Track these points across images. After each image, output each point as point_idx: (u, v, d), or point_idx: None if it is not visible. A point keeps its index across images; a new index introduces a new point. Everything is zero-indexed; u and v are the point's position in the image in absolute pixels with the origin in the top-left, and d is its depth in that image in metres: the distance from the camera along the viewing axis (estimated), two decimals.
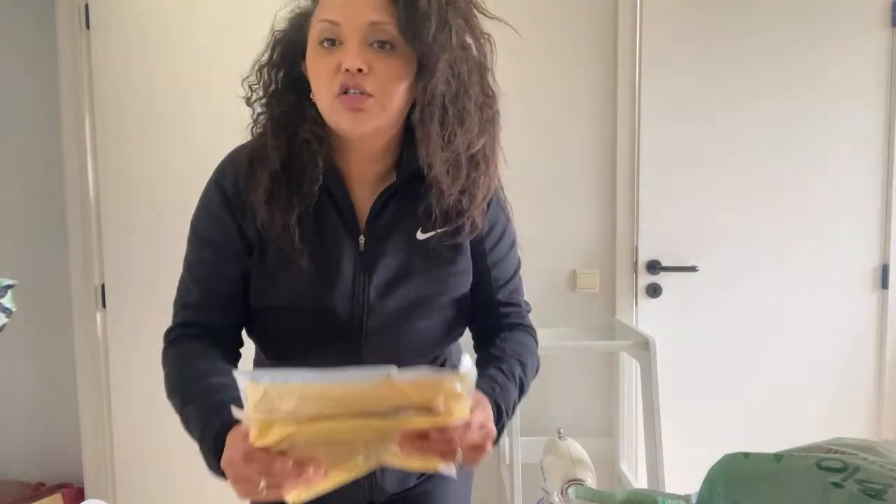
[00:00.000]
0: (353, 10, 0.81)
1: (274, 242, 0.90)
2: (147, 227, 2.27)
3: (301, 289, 0.92)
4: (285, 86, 0.91)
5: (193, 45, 2.22)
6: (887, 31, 2.25)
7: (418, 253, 0.93)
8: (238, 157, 0.93)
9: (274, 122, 0.90)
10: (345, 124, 0.84)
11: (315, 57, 0.85)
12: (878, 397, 2.35)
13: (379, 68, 0.82)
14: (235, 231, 0.92)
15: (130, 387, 2.32)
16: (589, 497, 0.62)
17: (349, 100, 0.82)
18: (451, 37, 0.83)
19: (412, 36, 0.80)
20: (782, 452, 0.51)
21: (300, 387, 0.63)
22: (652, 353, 1.94)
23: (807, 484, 0.47)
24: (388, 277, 0.93)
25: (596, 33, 2.27)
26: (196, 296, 0.93)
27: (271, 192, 0.88)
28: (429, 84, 0.83)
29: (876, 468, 0.47)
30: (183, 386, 0.85)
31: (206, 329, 0.92)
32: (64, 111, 2.27)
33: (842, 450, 0.50)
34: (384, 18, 0.81)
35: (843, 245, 2.31)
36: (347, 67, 0.80)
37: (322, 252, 0.91)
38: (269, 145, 0.88)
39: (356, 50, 0.80)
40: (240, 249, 0.92)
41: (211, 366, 0.86)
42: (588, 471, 1.17)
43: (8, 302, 0.99)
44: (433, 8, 0.81)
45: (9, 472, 2.41)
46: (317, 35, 0.84)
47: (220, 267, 0.93)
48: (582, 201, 2.31)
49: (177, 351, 0.91)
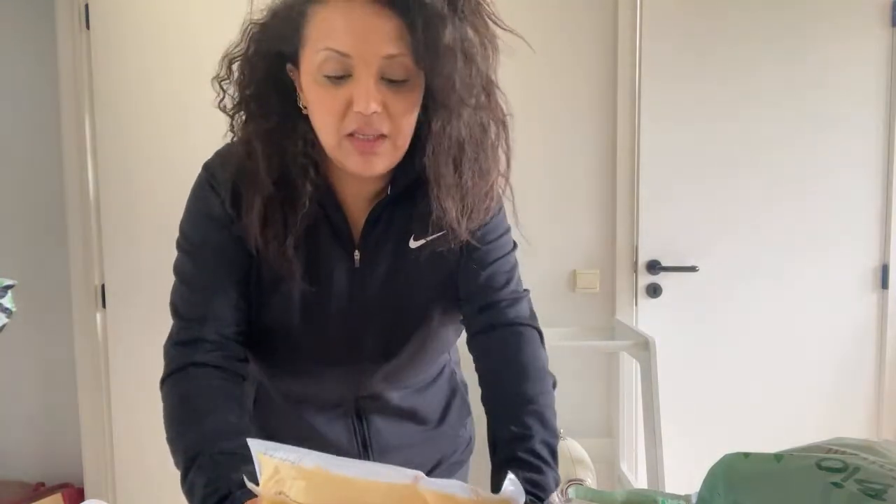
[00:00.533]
0: (367, 40, 0.70)
1: (267, 263, 0.84)
2: (147, 227, 2.27)
3: (294, 309, 0.87)
4: (264, 87, 0.80)
5: (193, 45, 2.22)
6: (887, 31, 2.25)
7: (410, 261, 0.88)
8: (227, 170, 0.84)
9: (262, 141, 0.79)
10: (354, 167, 0.77)
11: (318, 86, 0.74)
12: (878, 397, 2.35)
13: (393, 106, 0.74)
14: (234, 240, 0.85)
15: (130, 387, 2.32)
16: (589, 497, 0.62)
17: (363, 144, 0.74)
18: (474, 72, 0.74)
19: (433, 71, 0.72)
20: (782, 452, 0.51)
21: (312, 471, 0.59)
22: (652, 353, 1.94)
23: (807, 484, 0.47)
24: (382, 289, 0.89)
25: (596, 34, 2.27)
26: (197, 307, 0.85)
27: (265, 218, 0.80)
28: (448, 126, 0.76)
29: (876, 468, 0.47)
30: (185, 445, 0.77)
31: (211, 347, 0.84)
32: (64, 111, 2.27)
33: (842, 450, 0.50)
34: (400, 50, 0.71)
35: (843, 245, 2.31)
36: (362, 111, 0.71)
37: (316, 271, 0.86)
38: (259, 168, 0.79)
39: (370, 89, 0.71)
40: (241, 259, 0.86)
41: (218, 423, 0.78)
42: (588, 471, 1.17)
43: (8, 302, 0.99)
44: (457, 40, 0.71)
45: (9, 472, 2.41)
46: (319, 63, 0.73)
47: (222, 274, 0.86)
48: (582, 201, 2.31)
49: (179, 392, 0.82)
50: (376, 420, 0.99)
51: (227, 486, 0.70)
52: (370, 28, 0.71)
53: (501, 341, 0.91)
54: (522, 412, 0.84)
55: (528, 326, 0.93)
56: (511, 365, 0.89)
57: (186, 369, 0.83)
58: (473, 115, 0.78)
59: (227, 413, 0.80)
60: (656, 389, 1.92)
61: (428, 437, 1.05)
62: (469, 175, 0.80)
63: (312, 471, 0.59)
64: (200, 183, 0.87)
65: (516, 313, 0.92)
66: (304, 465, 0.59)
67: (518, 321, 0.92)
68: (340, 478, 0.59)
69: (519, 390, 0.86)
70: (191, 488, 0.74)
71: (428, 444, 1.05)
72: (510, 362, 0.89)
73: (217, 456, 0.73)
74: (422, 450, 1.04)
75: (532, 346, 0.91)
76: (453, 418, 1.08)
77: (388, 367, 0.94)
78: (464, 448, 1.12)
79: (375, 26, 0.70)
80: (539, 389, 0.87)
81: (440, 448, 1.07)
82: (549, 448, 0.82)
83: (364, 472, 0.59)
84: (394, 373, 0.96)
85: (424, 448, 1.04)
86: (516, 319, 0.92)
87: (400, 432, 1.01)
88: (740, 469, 0.51)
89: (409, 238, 0.87)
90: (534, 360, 0.90)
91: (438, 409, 1.06)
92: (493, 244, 0.92)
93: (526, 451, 0.80)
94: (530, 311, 0.95)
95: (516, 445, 0.81)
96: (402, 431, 1.01)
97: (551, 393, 0.89)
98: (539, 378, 0.88)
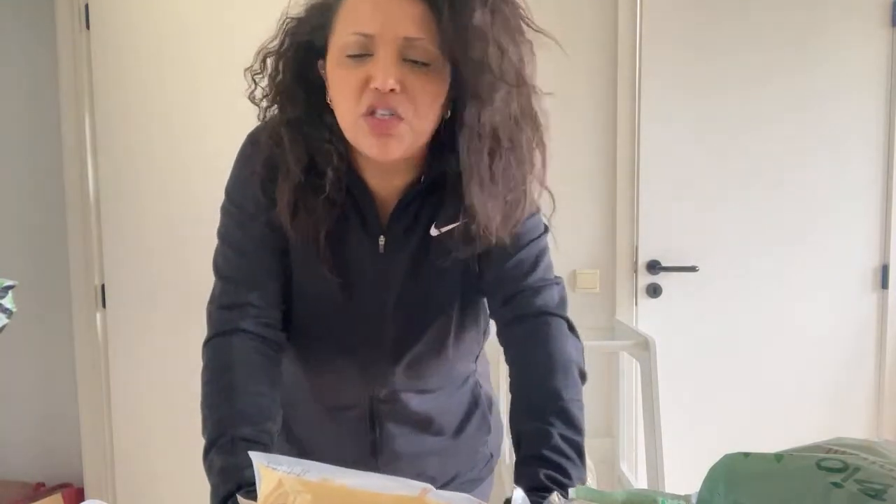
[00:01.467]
0: (390, 21, 0.72)
1: (297, 248, 0.86)
2: (147, 227, 2.27)
3: (324, 296, 0.88)
4: (295, 82, 0.82)
5: (193, 45, 2.22)
6: (887, 31, 2.25)
7: (433, 250, 0.87)
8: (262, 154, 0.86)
9: (290, 128, 0.81)
10: (369, 149, 0.77)
11: (340, 67, 0.76)
12: (878, 397, 2.35)
13: (413, 87, 0.73)
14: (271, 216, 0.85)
15: (130, 387, 2.32)
16: (589, 497, 0.61)
17: (377, 124, 0.74)
18: (506, 59, 0.74)
19: (463, 55, 0.72)
20: (782, 452, 0.51)
21: (317, 484, 0.58)
22: (652, 353, 1.94)
23: (807, 484, 0.47)
24: (404, 276, 0.88)
25: (596, 34, 2.27)
26: (242, 271, 0.87)
27: (295, 205, 0.82)
28: (482, 112, 0.75)
29: (876, 468, 0.47)
30: (214, 420, 0.80)
31: (255, 313, 0.85)
32: (64, 111, 2.28)
33: (842, 450, 0.50)
34: (422, 34, 0.72)
35: (843, 245, 2.32)
36: (378, 86, 0.72)
37: (343, 258, 0.87)
38: (288, 154, 0.81)
39: (388, 65, 0.72)
40: (279, 230, 0.86)
41: (248, 405, 0.80)
42: (588, 471, 1.17)
43: (8, 303, 0.99)
44: (487, 25, 0.71)
45: (9, 472, 2.41)
46: (343, 46, 0.75)
47: (267, 242, 0.87)
48: (582, 201, 2.31)
49: (220, 361, 0.84)
50: (390, 426, 0.97)
51: (237, 481, 0.73)
52: (394, 10, 0.73)
53: (526, 334, 0.88)
54: (546, 408, 0.82)
55: (554, 316, 0.88)
56: (535, 358, 0.87)
57: (231, 335, 0.85)
58: (506, 104, 0.77)
59: (259, 395, 0.82)
60: (656, 389, 1.92)
61: (443, 448, 1.02)
62: (504, 166, 0.79)
63: (317, 483, 0.58)
64: (247, 149, 0.89)
65: (543, 302, 0.88)
66: (309, 477, 0.58)
67: (545, 310, 0.88)
68: (346, 490, 0.58)
69: (543, 385, 0.84)
70: (209, 467, 0.77)
71: (442, 457, 1.02)
72: (534, 356, 0.87)
73: (239, 442, 0.76)
74: (436, 461, 1.01)
75: (558, 337, 0.88)
76: (471, 431, 1.05)
77: (407, 359, 0.93)
78: (483, 465, 1.09)
79: (399, 9, 0.73)
80: (564, 384, 0.84)
81: (456, 463, 1.04)
82: (571, 445, 0.81)
83: (370, 484, 0.58)
84: (412, 368, 0.94)
85: (439, 460, 1.02)
86: (543, 309, 0.88)
87: (413, 440, 0.99)
88: (740, 469, 0.51)
89: (432, 226, 0.86)
90: (559, 353, 0.86)
91: (456, 419, 1.03)
92: (518, 230, 0.88)
93: (550, 449, 0.79)
94: (559, 299, 0.90)
95: (539, 442, 0.80)
96: (416, 440, 0.99)
97: (576, 386, 0.87)
98: (564, 371, 0.85)
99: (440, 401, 1.00)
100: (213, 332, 0.87)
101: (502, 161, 0.79)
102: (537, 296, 0.89)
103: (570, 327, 0.90)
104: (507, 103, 0.77)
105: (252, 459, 0.60)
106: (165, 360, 2.22)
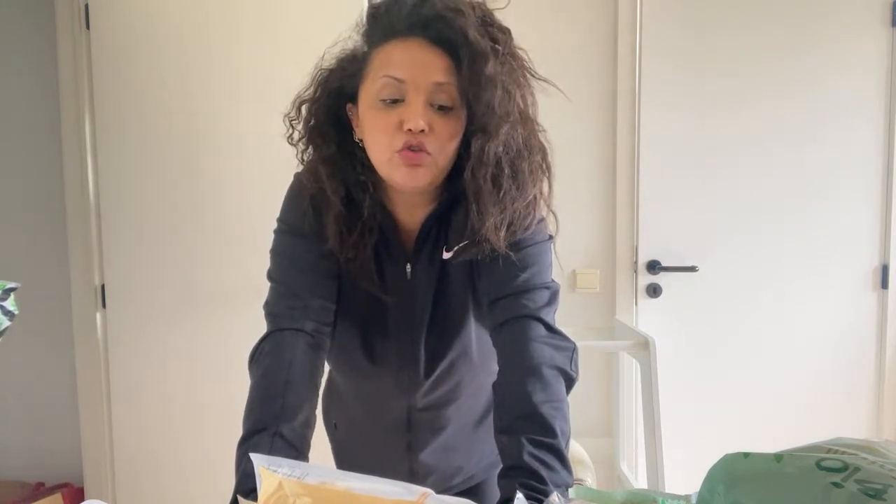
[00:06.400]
0: (420, 69, 0.84)
1: (343, 275, 0.96)
2: (147, 227, 2.27)
3: (363, 317, 0.98)
4: (326, 123, 0.93)
5: (193, 45, 2.22)
6: (887, 31, 2.26)
7: (447, 271, 0.97)
8: (307, 192, 0.95)
9: (326, 164, 0.92)
10: (401, 178, 0.86)
11: (374, 110, 0.86)
12: (878, 397, 2.35)
13: (438, 129, 0.84)
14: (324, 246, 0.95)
15: (130, 387, 2.32)
16: (589, 497, 0.61)
17: (410, 156, 0.84)
18: (511, 102, 0.85)
19: (476, 99, 0.83)
20: (782, 452, 0.51)
21: (317, 487, 0.58)
22: (652, 353, 1.94)
23: (807, 484, 0.47)
24: (429, 298, 0.97)
25: (596, 33, 2.27)
26: (303, 280, 0.94)
27: (341, 233, 0.92)
28: (487, 145, 0.85)
29: (876, 468, 0.47)
30: (255, 417, 0.86)
31: (314, 317, 0.93)
32: (64, 111, 2.28)
33: (842, 450, 0.50)
34: (447, 79, 0.84)
35: (842, 245, 2.32)
36: (412, 128, 0.82)
37: (381, 282, 0.97)
38: (327, 187, 0.91)
39: (421, 111, 0.83)
40: (332, 257, 0.95)
41: (287, 406, 0.86)
42: (588, 471, 1.17)
43: (11, 305, 0.99)
44: (497, 74, 0.83)
45: (9, 471, 2.41)
46: (378, 89, 0.85)
47: (319, 261, 0.95)
48: (582, 201, 2.31)
49: (270, 361, 0.90)
50: (424, 428, 1.07)
51: (248, 483, 0.77)
52: (423, 60, 0.84)
53: (504, 338, 0.90)
54: (517, 415, 0.82)
55: (531, 318, 0.89)
56: (509, 364, 0.88)
57: (296, 334, 0.92)
58: (510, 138, 0.87)
59: (301, 397, 0.88)
60: (656, 389, 1.92)
61: (469, 438, 1.11)
62: (507, 189, 0.88)
63: (317, 487, 0.58)
64: (296, 188, 0.98)
65: (524, 305, 0.89)
66: (309, 480, 0.59)
67: (524, 314, 0.89)
68: (346, 493, 0.58)
69: (514, 391, 0.84)
70: (238, 462, 0.83)
71: (469, 444, 1.12)
72: (510, 361, 0.88)
73: (278, 439, 0.83)
74: (464, 452, 1.12)
75: (533, 340, 0.87)
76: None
77: (438, 371, 1.02)
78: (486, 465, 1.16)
79: (428, 59, 0.84)
80: (534, 388, 0.83)
81: (481, 451, 1.13)
82: (547, 449, 0.79)
83: (370, 487, 0.58)
84: (442, 378, 1.03)
85: (466, 450, 1.12)
86: (523, 312, 0.89)
87: (446, 439, 1.09)
88: (740, 469, 0.51)
89: (443, 249, 0.96)
90: (530, 357, 0.86)
91: (480, 410, 1.12)
92: (516, 239, 0.91)
93: (524, 457, 0.78)
94: (544, 303, 0.91)
95: (512, 453, 0.80)
96: (448, 437, 1.09)
97: (549, 388, 0.84)
98: (536, 374, 0.84)
99: (469, 402, 1.09)
100: (274, 327, 0.94)
101: (506, 183, 0.88)
102: (520, 299, 0.90)
103: (548, 328, 0.90)
104: (511, 137, 0.87)
105: (252, 460, 0.60)
106: (165, 361, 2.22)
